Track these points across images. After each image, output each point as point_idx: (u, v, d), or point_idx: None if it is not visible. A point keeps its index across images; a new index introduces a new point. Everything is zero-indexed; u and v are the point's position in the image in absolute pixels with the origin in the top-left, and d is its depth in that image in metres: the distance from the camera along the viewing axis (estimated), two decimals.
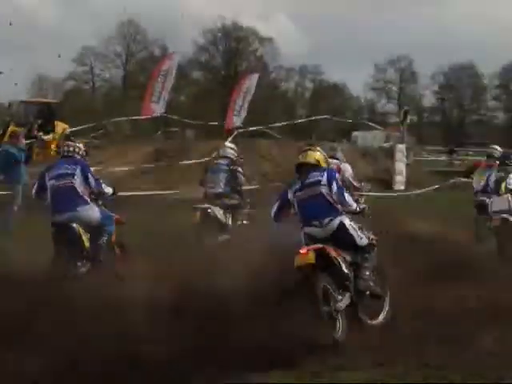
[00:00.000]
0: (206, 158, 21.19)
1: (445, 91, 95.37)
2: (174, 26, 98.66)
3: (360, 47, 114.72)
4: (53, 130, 28.80)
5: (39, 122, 28.96)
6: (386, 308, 8.50)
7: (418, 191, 25.19)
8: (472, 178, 14.39)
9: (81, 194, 9.80)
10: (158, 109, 28.46)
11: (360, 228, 8.45)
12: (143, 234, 12.44)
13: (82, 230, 9.62)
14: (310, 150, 8.98)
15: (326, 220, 8.26)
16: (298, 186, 8.60)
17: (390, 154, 27.61)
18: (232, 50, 79.91)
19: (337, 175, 8.89)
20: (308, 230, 8.39)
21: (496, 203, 12.38)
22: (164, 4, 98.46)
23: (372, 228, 8.86)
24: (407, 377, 6.40)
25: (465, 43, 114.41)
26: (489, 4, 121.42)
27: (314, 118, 42.86)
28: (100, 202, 10.17)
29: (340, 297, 7.87)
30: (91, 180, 9.94)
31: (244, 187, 14.36)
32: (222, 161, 14.01)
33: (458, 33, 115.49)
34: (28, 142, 21.93)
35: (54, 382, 6.48)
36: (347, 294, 7.98)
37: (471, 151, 66.78)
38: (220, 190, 13.36)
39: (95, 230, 9.86)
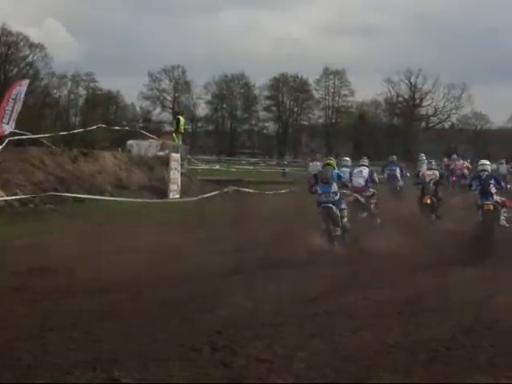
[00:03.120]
0: None
1: (217, 101, 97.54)
2: None
3: (134, 55, 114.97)
4: None
5: None
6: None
7: (193, 198, 25.67)
8: None
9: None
10: None
11: None
12: None
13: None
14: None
15: None
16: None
17: (165, 162, 27.71)
18: (1, 56, 76.93)
19: None
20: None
21: None
22: None
23: None
24: None
25: (236, 54, 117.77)
26: (260, 17, 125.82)
27: (88, 128, 41.70)
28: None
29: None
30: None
31: None
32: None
33: (230, 44, 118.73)
34: None
35: None
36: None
37: (244, 160, 68.83)
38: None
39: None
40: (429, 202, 20.50)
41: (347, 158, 22.60)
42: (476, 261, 12.36)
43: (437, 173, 21.90)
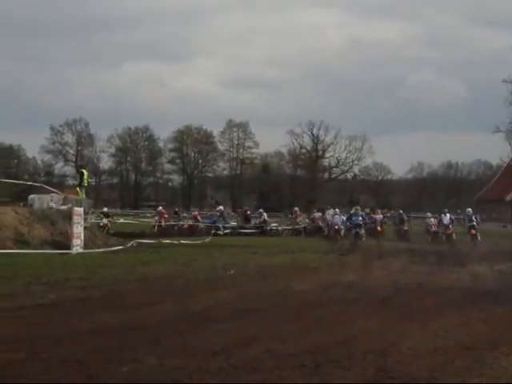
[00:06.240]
0: None
1: (121, 154, 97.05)
2: None
3: (35, 108, 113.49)
4: None
5: None
6: None
7: (97, 250, 25.44)
8: None
9: None
10: None
11: None
12: None
13: None
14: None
15: None
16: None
17: (67, 217, 27.29)
18: None
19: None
20: None
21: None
22: None
23: None
24: None
25: (141, 107, 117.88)
26: (164, 70, 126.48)
27: None
28: None
29: None
30: None
31: None
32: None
33: (135, 96, 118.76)
34: None
35: None
36: None
37: (149, 213, 68.37)
38: None
39: None
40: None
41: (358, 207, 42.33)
42: (378, 308, 12.62)
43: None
